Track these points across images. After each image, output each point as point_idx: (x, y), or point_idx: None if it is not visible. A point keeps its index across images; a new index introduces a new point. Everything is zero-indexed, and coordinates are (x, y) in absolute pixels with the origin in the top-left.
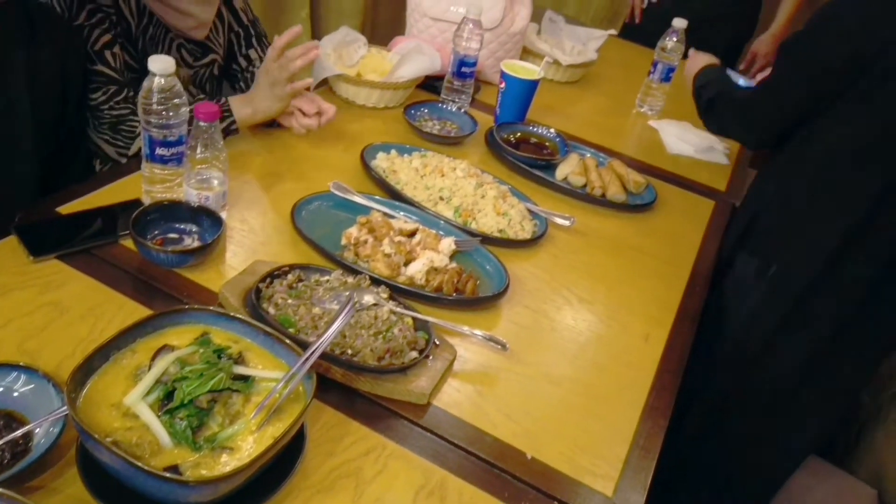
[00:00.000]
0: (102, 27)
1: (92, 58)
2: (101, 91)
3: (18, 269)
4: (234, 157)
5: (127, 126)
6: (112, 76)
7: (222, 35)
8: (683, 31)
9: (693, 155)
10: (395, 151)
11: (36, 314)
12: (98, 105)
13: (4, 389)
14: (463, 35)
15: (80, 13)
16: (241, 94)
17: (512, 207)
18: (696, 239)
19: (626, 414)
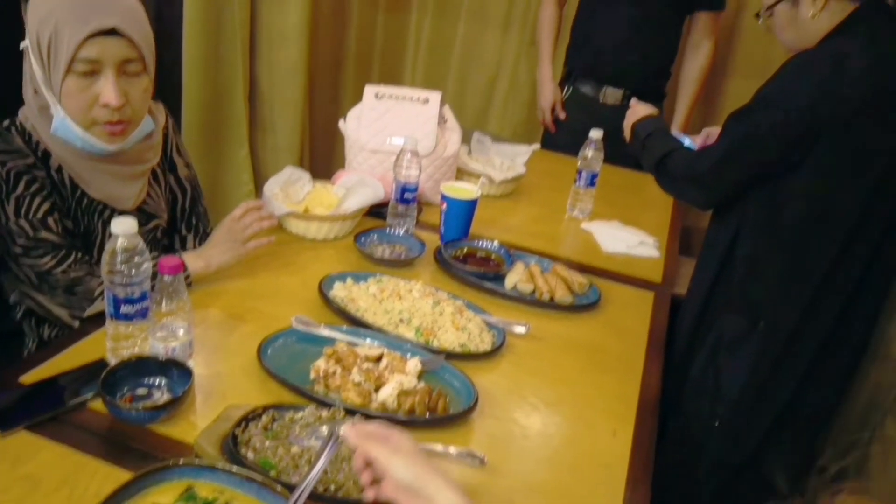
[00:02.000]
0: (42, 195)
1: (35, 225)
2: (50, 256)
3: None
4: (194, 305)
5: (83, 288)
6: (57, 241)
7: (163, 198)
8: (600, 140)
9: (626, 252)
10: (350, 279)
11: (10, 491)
12: (49, 270)
13: None
14: (402, 164)
15: (18, 184)
16: (194, 250)
17: (469, 321)
18: (643, 330)
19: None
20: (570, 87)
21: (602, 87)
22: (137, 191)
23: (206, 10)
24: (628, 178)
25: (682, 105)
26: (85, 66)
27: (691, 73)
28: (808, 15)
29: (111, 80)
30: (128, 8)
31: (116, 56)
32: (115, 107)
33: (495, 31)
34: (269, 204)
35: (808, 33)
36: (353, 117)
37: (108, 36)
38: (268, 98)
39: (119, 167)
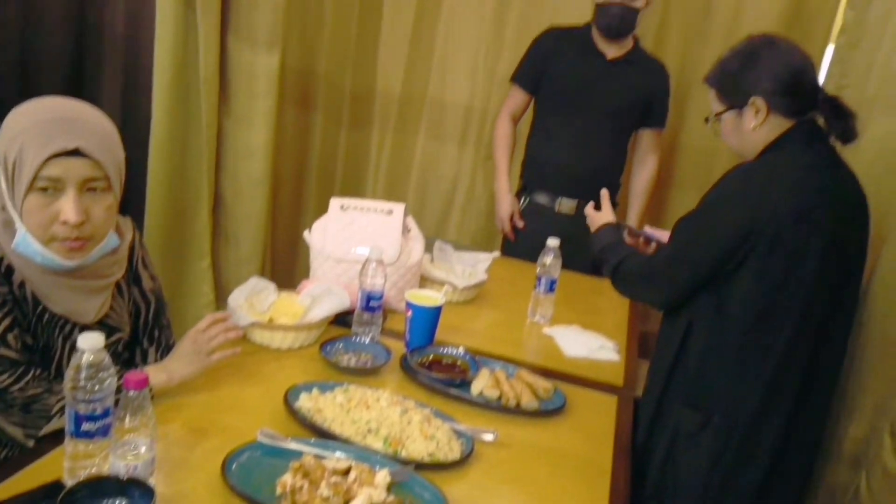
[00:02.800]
0: (2, 311)
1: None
2: (8, 374)
3: None
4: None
5: (41, 405)
6: (15, 358)
7: (127, 311)
8: (558, 248)
9: (588, 356)
10: (317, 390)
11: None
12: (6, 388)
13: None
14: (368, 273)
15: None
16: (156, 364)
17: (438, 429)
18: (609, 435)
19: None
20: (526, 198)
21: (557, 198)
22: (99, 305)
23: (174, 125)
24: (586, 283)
25: (632, 214)
26: (46, 184)
27: (638, 185)
28: (750, 127)
29: (72, 198)
30: (94, 130)
31: (79, 175)
32: (74, 224)
33: (452, 147)
34: (234, 314)
35: (749, 143)
36: (319, 228)
37: (71, 156)
38: (231, 211)
39: (81, 282)
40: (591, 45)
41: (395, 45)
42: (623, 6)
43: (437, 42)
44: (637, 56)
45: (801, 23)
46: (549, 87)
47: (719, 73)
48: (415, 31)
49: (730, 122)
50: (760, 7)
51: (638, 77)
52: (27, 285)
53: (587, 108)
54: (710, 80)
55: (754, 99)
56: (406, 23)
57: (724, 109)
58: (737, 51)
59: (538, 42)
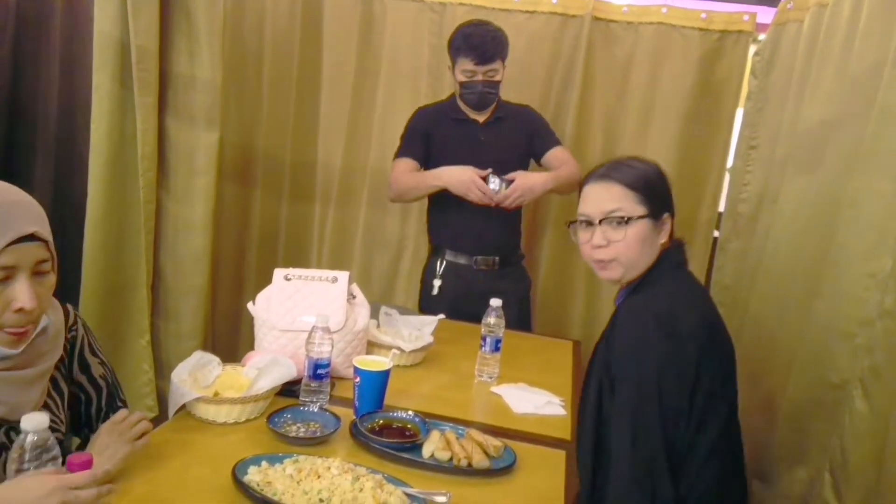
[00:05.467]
0: None
1: None
2: None
3: None
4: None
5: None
6: None
7: (63, 406)
8: (500, 308)
9: (535, 412)
10: (265, 462)
11: None
12: None
13: None
14: (314, 341)
15: None
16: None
17: (391, 495)
18: (559, 492)
19: None
20: (442, 260)
21: (474, 257)
22: (37, 396)
23: (110, 204)
24: (528, 341)
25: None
26: (0, 274)
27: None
28: (660, 242)
29: (25, 285)
30: (38, 211)
31: (32, 259)
32: (29, 310)
33: (396, 215)
34: (178, 390)
35: (648, 257)
36: (263, 299)
37: (25, 242)
38: (171, 286)
39: (17, 372)
40: (460, 113)
41: (334, 117)
42: (485, 83)
43: (375, 113)
44: (504, 111)
45: (712, 91)
46: (436, 160)
47: (641, 177)
48: (354, 104)
49: (643, 230)
50: (674, 80)
51: (511, 127)
52: None
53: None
54: (630, 181)
55: (667, 216)
56: (344, 96)
57: (644, 214)
58: (647, 164)
59: (413, 122)
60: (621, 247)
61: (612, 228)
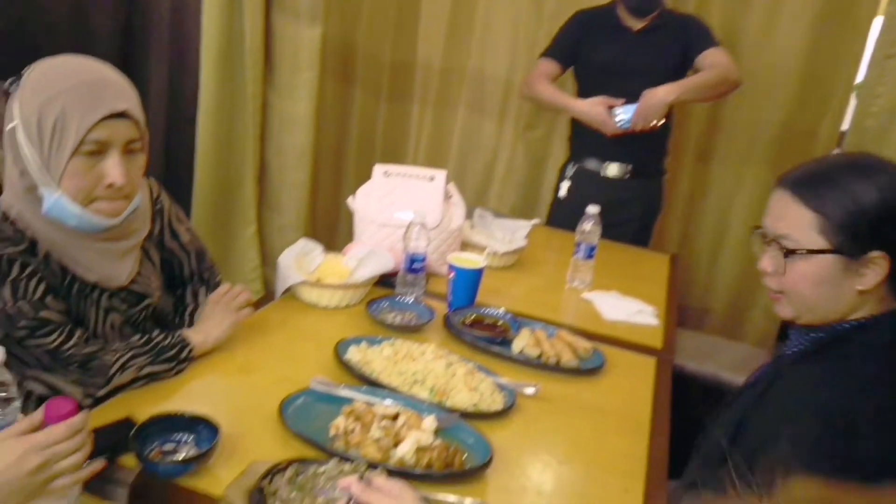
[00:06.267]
0: (36, 278)
1: (36, 306)
2: (56, 333)
3: None
4: (214, 366)
5: (98, 363)
6: (60, 320)
7: (155, 276)
8: (598, 215)
9: (627, 319)
10: (365, 343)
11: None
12: (58, 347)
13: None
14: (411, 236)
15: (13, 268)
16: (190, 328)
17: (481, 382)
18: (648, 394)
19: None
20: (574, 166)
21: (604, 163)
22: (130, 267)
23: (221, 98)
24: (627, 252)
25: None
26: (93, 147)
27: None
28: (857, 288)
29: (118, 161)
30: (131, 92)
31: (124, 137)
32: (120, 186)
33: (492, 120)
34: (284, 274)
35: (834, 304)
36: (363, 194)
37: (117, 119)
38: (276, 180)
39: (110, 244)
40: (616, 19)
41: (435, 17)
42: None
43: (477, 14)
44: (664, 20)
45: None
46: (585, 67)
47: (841, 202)
48: (455, 3)
49: (821, 269)
50: None
51: (667, 37)
52: (53, 256)
53: (627, 80)
54: (819, 203)
55: (879, 255)
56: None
57: (824, 249)
58: (868, 179)
59: (567, 25)
60: (787, 282)
61: (780, 255)
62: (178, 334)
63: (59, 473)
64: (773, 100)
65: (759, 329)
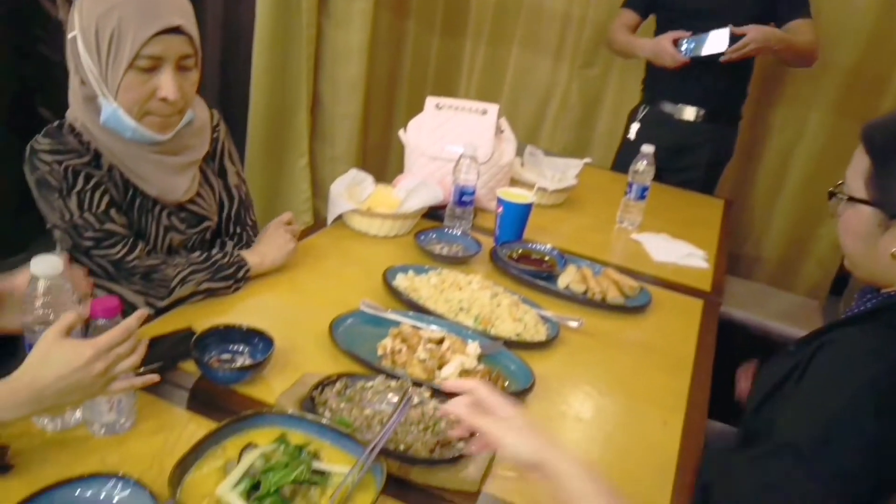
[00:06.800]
0: (100, 190)
1: (100, 218)
2: (121, 245)
3: None
4: (268, 286)
5: (160, 275)
6: (123, 232)
7: (214, 201)
8: (652, 155)
9: (676, 262)
10: (412, 272)
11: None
12: (122, 258)
13: (104, 497)
14: (461, 169)
15: (77, 180)
16: (247, 249)
17: (525, 314)
18: (692, 334)
19: (659, 491)
20: (646, 107)
21: (678, 105)
22: (187, 183)
23: (275, 27)
24: (678, 196)
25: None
26: (147, 63)
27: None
28: (889, 250)
29: (171, 76)
30: (186, 7)
31: (177, 52)
32: (173, 101)
33: (546, 58)
34: (336, 202)
35: (875, 263)
36: (414, 126)
37: (171, 34)
38: (328, 111)
39: (166, 157)
40: None
41: None
42: None
43: None
44: None
45: None
46: (666, 11)
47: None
48: None
49: (857, 221)
50: None
51: None
52: (116, 169)
53: (708, 21)
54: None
55: None
56: None
57: (862, 199)
58: None
59: None
60: (838, 229)
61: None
62: (235, 254)
63: (117, 376)
64: (843, 44)
65: (812, 281)
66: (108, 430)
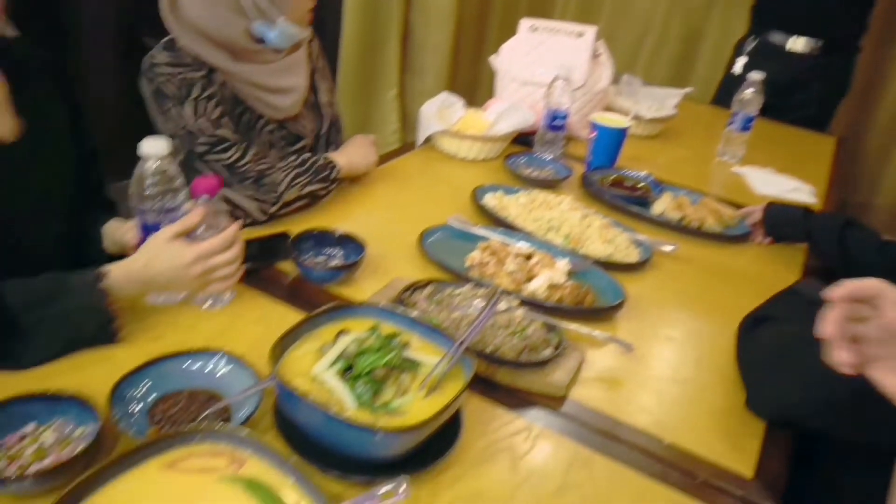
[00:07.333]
0: (214, 100)
1: (214, 124)
2: (234, 150)
3: None
4: (358, 199)
5: (269, 179)
6: (235, 138)
7: (311, 121)
8: (761, 83)
9: (780, 195)
10: (501, 192)
11: (217, 318)
12: (234, 162)
13: (209, 371)
14: (555, 91)
15: (193, 89)
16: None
17: (617, 236)
18: (796, 267)
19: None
20: (755, 39)
21: (791, 36)
22: (291, 99)
23: None
24: (785, 132)
25: None
26: None
27: None
28: None
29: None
30: None
31: None
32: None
33: None
34: (426, 123)
35: None
36: (507, 50)
37: None
38: (419, 42)
39: (276, 74)
40: None
41: None
42: None
43: None
44: None
45: None
46: None
47: None
48: None
49: None
50: None
51: None
52: (228, 85)
53: None
54: None
55: None
56: None
57: None
58: None
59: None
60: None
61: None
62: (324, 155)
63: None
64: None
65: None
66: (213, 302)
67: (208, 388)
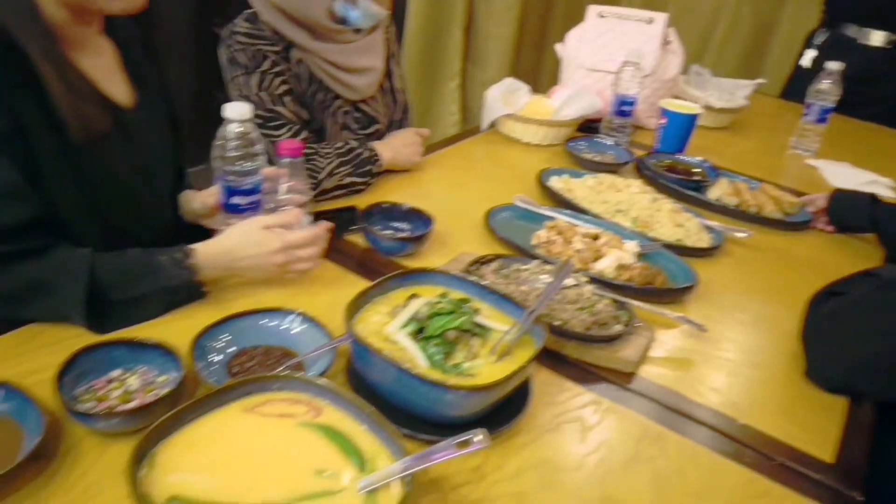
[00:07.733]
0: (282, 78)
1: (274, 99)
2: (286, 129)
3: None
4: (423, 180)
5: (312, 164)
6: (290, 118)
7: (384, 106)
8: (839, 73)
9: (857, 188)
10: (567, 175)
11: (289, 284)
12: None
13: (284, 328)
14: (624, 77)
15: (264, 62)
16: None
17: (687, 220)
18: (862, 255)
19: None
20: (827, 31)
21: (865, 29)
22: (366, 80)
23: None
24: (862, 128)
25: None
26: None
27: None
28: None
29: None
30: None
31: None
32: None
33: None
34: (491, 107)
35: None
36: (574, 37)
37: None
38: (483, 32)
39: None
40: None
41: None
42: None
43: None
44: None
45: None
46: None
47: None
48: None
49: None
50: None
51: None
52: (304, 63)
53: None
54: None
55: None
56: None
57: None
58: None
59: None
60: None
61: None
62: (370, 145)
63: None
64: None
65: None
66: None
67: (283, 345)
